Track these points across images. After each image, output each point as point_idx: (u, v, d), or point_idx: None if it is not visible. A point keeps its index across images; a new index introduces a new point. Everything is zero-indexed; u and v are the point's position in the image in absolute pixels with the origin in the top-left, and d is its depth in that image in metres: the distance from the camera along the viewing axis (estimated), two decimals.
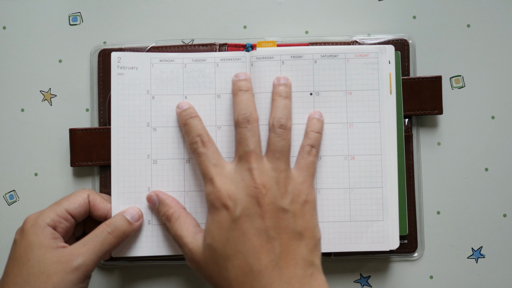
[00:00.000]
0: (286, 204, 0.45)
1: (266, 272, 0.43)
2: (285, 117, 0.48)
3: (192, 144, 0.49)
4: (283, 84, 0.50)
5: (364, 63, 0.52)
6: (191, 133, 0.49)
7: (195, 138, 0.49)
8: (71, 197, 0.49)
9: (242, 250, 0.44)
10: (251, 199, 0.45)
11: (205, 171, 0.47)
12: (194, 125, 0.50)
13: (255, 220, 0.44)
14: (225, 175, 0.46)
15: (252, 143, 0.47)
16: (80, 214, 0.49)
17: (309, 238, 0.46)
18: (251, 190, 0.45)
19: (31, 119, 0.56)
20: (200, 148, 0.48)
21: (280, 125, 0.48)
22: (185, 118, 0.50)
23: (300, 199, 0.46)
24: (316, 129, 0.50)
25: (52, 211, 0.48)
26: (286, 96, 0.50)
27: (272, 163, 0.47)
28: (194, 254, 0.46)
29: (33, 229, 0.46)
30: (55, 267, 0.45)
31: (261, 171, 0.46)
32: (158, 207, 0.51)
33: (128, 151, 0.52)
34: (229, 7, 0.57)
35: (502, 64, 0.56)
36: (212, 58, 0.53)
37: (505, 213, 0.56)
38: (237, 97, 0.50)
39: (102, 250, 0.47)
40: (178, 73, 0.53)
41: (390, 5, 0.57)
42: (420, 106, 0.54)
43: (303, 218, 0.46)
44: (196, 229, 0.48)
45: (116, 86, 0.52)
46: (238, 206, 0.45)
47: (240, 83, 0.50)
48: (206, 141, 0.48)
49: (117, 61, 0.53)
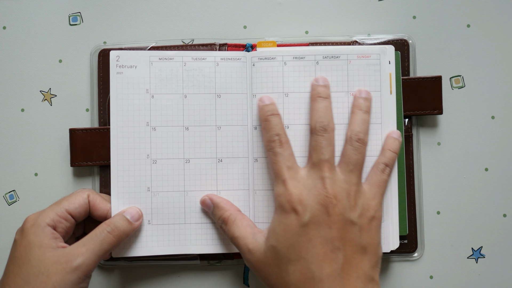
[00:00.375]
0: (355, 217, 0.46)
1: (327, 281, 0.44)
2: (363, 131, 0.49)
3: (269, 142, 0.49)
4: (364, 98, 0.51)
5: (366, 64, 0.52)
6: (271, 131, 0.49)
7: (274, 137, 0.49)
8: (71, 197, 0.49)
9: (305, 256, 0.44)
10: (321, 208, 0.45)
11: (278, 172, 0.47)
12: (275, 123, 0.49)
13: (323, 229, 0.45)
14: (297, 180, 0.47)
15: (327, 152, 0.47)
16: (80, 214, 0.49)
17: (372, 254, 0.46)
18: (322, 198, 0.45)
19: (31, 119, 0.56)
20: (277, 147, 0.48)
21: (358, 138, 0.48)
22: (266, 114, 0.50)
23: (368, 214, 0.47)
24: (393, 148, 0.50)
25: (52, 211, 0.48)
26: (366, 110, 0.50)
27: (345, 175, 0.47)
28: (254, 255, 0.47)
29: (33, 229, 0.46)
30: (55, 267, 0.45)
31: (333, 181, 0.46)
32: (213, 211, 0.51)
33: (128, 151, 0.52)
34: (229, 7, 0.57)
35: (502, 64, 0.56)
36: (212, 57, 0.53)
37: (505, 213, 0.56)
38: (316, 103, 0.49)
39: (102, 250, 0.47)
40: (178, 72, 0.53)
41: (390, 5, 0.57)
42: (420, 106, 0.54)
43: (369, 233, 0.46)
44: (254, 229, 0.48)
45: (115, 85, 0.52)
46: (307, 212, 0.45)
47: (320, 89, 0.50)
48: (284, 142, 0.48)
49: (116, 59, 0.53)
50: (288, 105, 0.52)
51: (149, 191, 0.52)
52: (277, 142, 0.48)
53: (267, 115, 0.50)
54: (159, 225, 0.52)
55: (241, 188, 0.53)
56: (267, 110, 0.50)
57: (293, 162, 0.48)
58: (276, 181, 0.47)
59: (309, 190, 0.46)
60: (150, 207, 0.52)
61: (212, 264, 0.55)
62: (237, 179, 0.53)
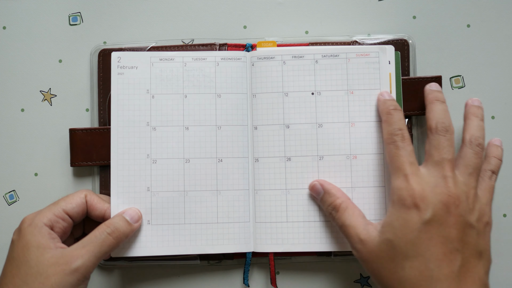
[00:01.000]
0: (473, 220, 0.45)
1: (445, 281, 0.43)
2: (482, 137, 0.49)
3: (392, 135, 0.48)
4: (477, 106, 0.51)
5: (365, 62, 0.52)
6: (394, 124, 0.49)
7: (397, 131, 0.48)
8: (68, 197, 0.49)
9: (424, 254, 0.44)
10: (443, 207, 0.45)
11: (400, 166, 0.46)
12: (398, 117, 0.49)
13: (444, 228, 0.44)
14: (419, 176, 0.46)
15: (450, 152, 0.47)
16: (78, 214, 0.49)
17: (486, 260, 0.46)
18: (445, 197, 0.45)
19: (31, 119, 0.56)
20: (400, 141, 0.47)
21: (478, 143, 0.48)
22: (389, 108, 0.50)
23: (484, 219, 0.47)
24: (498, 155, 0.51)
25: (49, 211, 0.48)
26: (481, 118, 0.51)
27: (464, 178, 0.47)
28: (365, 246, 0.46)
29: (30, 229, 0.46)
30: (54, 269, 0.44)
31: (455, 182, 0.46)
32: (323, 197, 0.51)
33: (128, 151, 0.52)
34: (229, 7, 0.57)
35: (502, 64, 0.56)
36: (213, 57, 0.53)
37: (505, 213, 0.56)
38: (435, 105, 0.49)
39: (102, 252, 0.47)
40: (178, 72, 0.53)
41: (390, 5, 0.57)
42: (420, 106, 0.54)
43: (484, 238, 0.46)
44: (365, 220, 0.48)
45: (116, 86, 0.52)
46: (429, 209, 0.44)
47: (437, 94, 0.50)
48: (406, 138, 0.48)
49: (117, 60, 0.53)
50: (288, 105, 0.52)
51: (149, 191, 0.52)
52: (400, 136, 0.48)
53: (390, 109, 0.50)
54: (159, 225, 0.52)
55: (241, 188, 0.53)
56: (389, 104, 0.50)
57: (415, 159, 0.47)
58: (397, 175, 0.47)
59: (432, 187, 0.45)
60: (150, 207, 0.52)
61: (212, 264, 0.55)
62: (237, 179, 0.53)
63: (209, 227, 0.52)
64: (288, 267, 0.55)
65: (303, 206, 0.52)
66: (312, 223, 0.52)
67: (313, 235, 0.52)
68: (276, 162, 0.52)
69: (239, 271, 0.55)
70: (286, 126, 0.52)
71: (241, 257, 0.54)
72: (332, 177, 0.52)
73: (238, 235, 0.52)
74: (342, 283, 0.55)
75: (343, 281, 0.55)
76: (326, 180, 0.52)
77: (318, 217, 0.52)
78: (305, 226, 0.52)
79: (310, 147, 0.52)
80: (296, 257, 0.55)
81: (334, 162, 0.52)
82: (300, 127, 0.52)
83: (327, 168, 0.52)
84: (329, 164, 0.52)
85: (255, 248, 0.53)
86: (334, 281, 0.55)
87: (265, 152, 0.53)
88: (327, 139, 0.52)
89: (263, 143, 0.53)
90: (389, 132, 0.49)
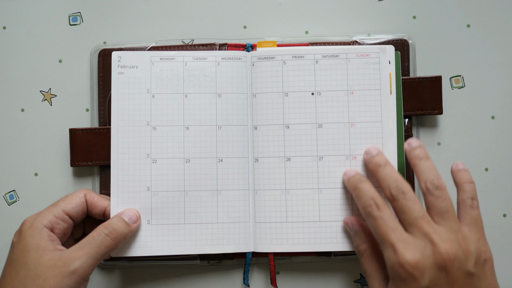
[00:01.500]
0: (471, 267, 0.44)
1: None
2: (436, 177, 0.47)
3: (366, 207, 0.47)
4: (418, 147, 0.49)
5: (365, 63, 0.52)
6: (364, 196, 0.48)
7: (369, 201, 0.47)
8: (67, 197, 0.49)
9: None
10: (439, 268, 0.43)
11: (384, 236, 0.45)
12: (366, 188, 0.48)
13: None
14: (406, 241, 0.44)
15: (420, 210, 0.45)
16: (78, 214, 0.49)
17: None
18: (438, 257, 0.43)
19: (31, 119, 0.56)
20: (375, 211, 0.46)
21: (435, 186, 0.46)
22: (354, 183, 0.49)
23: (481, 258, 0.45)
24: (468, 179, 0.48)
25: (49, 212, 0.48)
26: (426, 157, 0.48)
27: (445, 226, 0.45)
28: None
29: (30, 231, 0.46)
30: (52, 271, 0.44)
31: (439, 236, 0.44)
32: (353, 236, 0.51)
33: (128, 150, 0.52)
34: (229, 7, 0.57)
35: (502, 64, 0.56)
36: (213, 56, 0.53)
37: (505, 213, 0.56)
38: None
39: (100, 253, 0.47)
40: (179, 72, 0.53)
41: (390, 5, 0.57)
42: (420, 106, 0.54)
43: (485, 279, 0.45)
44: (385, 273, 0.47)
45: (116, 85, 0.52)
46: (426, 276, 0.43)
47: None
48: (380, 204, 0.46)
49: (118, 60, 0.53)
50: (288, 105, 0.52)
51: (149, 190, 0.52)
52: (374, 206, 0.46)
53: (355, 184, 0.49)
54: (159, 225, 0.52)
55: (241, 188, 0.53)
56: (353, 181, 0.50)
57: (396, 223, 0.46)
58: (384, 245, 0.45)
59: (421, 251, 0.44)
60: (150, 207, 0.52)
61: (212, 264, 0.55)
62: (237, 179, 0.53)
63: (209, 227, 0.52)
64: (288, 267, 0.55)
65: (303, 206, 0.52)
66: (312, 223, 0.52)
67: (313, 235, 0.52)
68: (276, 162, 0.52)
69: (239, 271, 0.55)
70: (286, 126, 0.52)
71: (241, 257, 0.54)
72: (332, 177, 0.52)
73: (238, 235, 0.52)
74: (342, 283, 0.55)
75: (343, 281, 0.55)
76: (326, 180, 0.52)
77: (318, 217, 0.52)
78: (305, 226, 0.52)
79: (310, 147, 0.52)
80: (296, 257, 0.55)
81: (334, 162, 0.52)
82: (300, 127, 0.52)
83: (326, 169, 0.52)
84: (329, 165, 0.52)
85: (255, 248, 0.53)
86: (334, 281, 0.55)
87: (265, 152, 0.53)
88: (327, 140, 0.52)
89: (263, 143, 0.53)
90: (362, 205, 0.48)
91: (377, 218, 0.46)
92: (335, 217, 0.52)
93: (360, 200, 0.48)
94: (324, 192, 0.52)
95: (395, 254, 0.44)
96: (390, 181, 0.47)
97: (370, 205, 0.47)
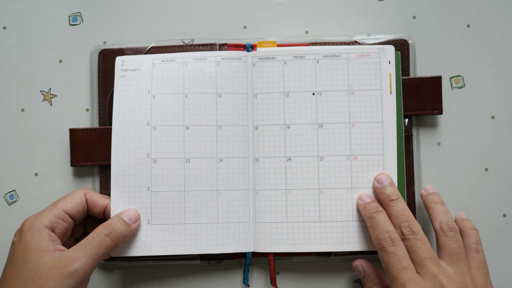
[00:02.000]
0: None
1: None
2: (450, 220, 0.49)
3: (380, 240, 0.48)
4: (434, 193, 0.52)
5: (366, 63, 0.52)
6: (379, 228, 0.48)
7: (384, 235, 0.48)
8: (67, 197, 0.49)
9: None
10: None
11: (396, 275, 0.46)
12: (382, 220, 0.49)
13: None
14: (416, 282, 0.45)
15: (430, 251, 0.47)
16: (78, 213, 0.49)
17: None
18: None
19: (31, 119, 0.56)
20: (389, 246, 0.47)
21: (450, 228, 0.48)
22: (371, 212, 0.50)
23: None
24: (472, 226, 0.51)
25: (49, 212, 0.48)
26: (442, 202, 0.51)
27: (454, 267, 0.47)
28: None
29: (30, 231, 0.46)
30: (52, 272, 0.44)
31: (448, 278, 0.45)
32: (363, 278, 0.51)
33: (128, 150, 0.52)
34: (229, 7, 0.57)
35: (502, 64, 0.56)
36: (213, 57, 0.53)
37: (505, 213, 0.56)
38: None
39: (100, 253, 0.47)
40: (179, 72, 0.53)
41: (390, 5, 0.57)
42: (420, 106, 0.54)
43: None
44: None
45: (118, 88, 0.53)
46: None
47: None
48: (395, 240, 0.47)
49: (121, 64, 0.53)
50: (289, 105, 0.52)
51: (149, 190, 0.52)
52: (389, 241, 0.47)
53: (372, 213, 0.49)
54: (159, 225, 0.52)
55: (241, 188, 0.53)
56: (370, 208, 0.50)
57: (408, 262, 0.46)
58: (395, 284, 0.46)
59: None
60: (150, 206, 0.52)
61: (212, 264, 0.55)
62: (238, 179, 0.53)
63: (209, 227, 0.52)
64: (288, 267, 0.55)
65: (303, 207, 0.52)
66: (312, 223, 0.52)
67: (313, 235, 0.52)
68: (277, 162, 0.52)
69: (239, 271, 0.55)
70: (286, 126, 0.52)
71: (241, 257, 0.54)
72: (332, 177, 0.52)
73: (238, 235, 0.52)
74: (342, 283, 0.55)
75: (343, 281, 0.55)
76: (327, 180, 0.52)
77: (318, 218, 0.52)
78: (305, 226, 0.52)
79: (311, 148, 0.52)
80: (296, 257, 0.55)
81: (334, 162, 0.52)
82: (301, 128, 0.52)
83: (327, 169, 0.52)
84: (329, 165, 0.52)
85: (255, 248, 0.53)
86: (334, 281, 0.55)
87: (265, 152, 0.53)
88: (327, 140, 0.52)
89: (263, 143, 0.53)
90: (376, 237, 0.48)
91: (391, 254, 0.47)
92: (335, 217, 0.52)
93: (375, 231, 0.48)
94: (324, 193, 0.52)
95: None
96: (401, 219, 0.48)
97: (385, 238, 0.47)
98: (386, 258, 0.47)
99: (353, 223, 0.52)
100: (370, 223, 0.49)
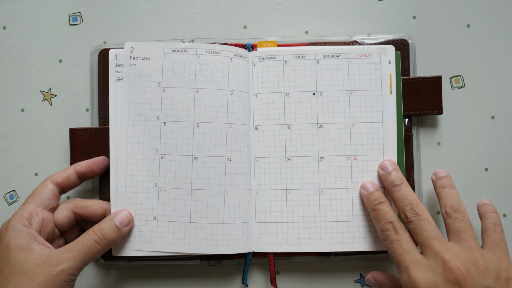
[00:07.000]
0: (490, 282, 0.45)
1: None
2: (456, 203, 0.49)
3: (384, 231, 0.48)
4: (445, 177, 0.51)
5: (367, 63, 0.52)
6: (382, 219, 0.49)
7: (387, 225, 0.48)
8: (34, 191, 0.49)
9: None
10: (452, 285, 0.44)
11: (399, 259, 0.46)
12: (385, 211, 0.49)
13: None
14: (419, 262, 0.46)
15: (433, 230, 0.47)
16: (50, 201, 0.49)
17: None
18: (448, 274, 0.44)
19: (31, 119, 0.56)
20: (392, 235, 0.48)
21: (454, 210, 0.48)
22: (374, 203, 0.50)
23: (503, 276, 0.46)
24: (492, 209, 0.50)
25: (22, 210, 0.48)
26: (451, 186, 0.51)
27: (461, 244, 0.46)
28: None
29: (8, 232, 0.46)
30: (40, 269, 0.45)
31: (451, 253, 0.45)
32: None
33: (138, 145, 0.52)
34: (229, 7, 0.57)
35: (502, 64, 0.56)
36: (227, 51, 0.52)
37: (505, 213, 0.56)
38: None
39: (89, 258, 0.47)
40: (191, 65, 0.52)
41: (390, 5, 0.57)
42: (420, 106, 0.54)
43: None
44: None
45: (128, 77, 0.52)
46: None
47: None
48: (398, 228, 0.48)
49: (130, 51, 0.52)
50: (289, 105, 0.52)
51: (157, 186, 0.52)
52: (392, 230, 0.48)
53: (374, 204, 0.50)
54: (165, 221, 0.51)
55: (246, 188, 0.52)
56: (373, 199, 0.50)
57: (411, 245, 0.47)
58: (399, 268, 0.47)
59: (433, 270, 0.45)
60: (157, 202, 0.52)
61: (212, 264, 0.55)
62: (243, 179, 0.52)
63: (215, 227, 0.52)
64: (288, 267, 0.55)
65: (303, 207, 0.52)
66: (312, 223, 0.52)
67: (313, 235, 0.52)
68: (277, 162, 0.52)
69: (239, 271, 0.55)
70: (287, 126, 0.52)
71: (241, 257, 0.54)
72: (333, 178, 0.52)
73: (240, 236, 0.52)
74: (342, 283, 0.55)
75: (343, 281, 0.55)
76: (327, 180, 0.52)
77: (318, 218, 0.52)
78: (305, 226, 0.52)
79: (311, 148, 0.52)
80: (296, 257, 0.55)
81: (335, 162, 0.52)
82: (301, 128, 0.52)
83: (327, 169, 0.52)
84: (330, 165, 0.52)
85: (255, 248, 0.53)
86: (334, 281, 0.55)
87: (266, 152, 0.53)
88: (327, 140, 0.52)
89: (263, 143, 0.53)
90: (380, 228, 0.49)
91: (394, 241, 0.47)
92: (336, 217, 0.52)
93: (379, 222, 0.49)
94: (324, 193, 0.52)
95: (408, 277, 0.45)
96: (405, 203, 0.48)
97: (388, 229, 0.48)
98: (390, 246, 0.47)
99: (353, 223, 0.52)
100: (374, 215, 0.50)
